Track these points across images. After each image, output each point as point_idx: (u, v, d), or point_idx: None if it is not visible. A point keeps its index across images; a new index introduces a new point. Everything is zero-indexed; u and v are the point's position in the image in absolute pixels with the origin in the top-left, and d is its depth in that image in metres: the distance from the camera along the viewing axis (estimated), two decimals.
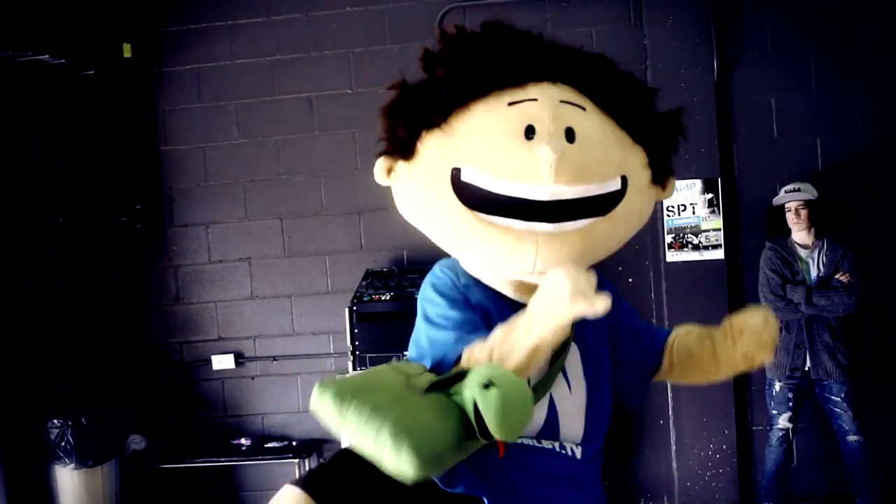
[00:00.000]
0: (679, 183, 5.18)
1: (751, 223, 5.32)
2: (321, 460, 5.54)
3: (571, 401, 2.05)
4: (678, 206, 5.27)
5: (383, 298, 4.91)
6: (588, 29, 5.33)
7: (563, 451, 2.04)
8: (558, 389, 2.03)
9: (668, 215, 5.29)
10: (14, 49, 4.62)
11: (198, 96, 5.60)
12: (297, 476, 4.67)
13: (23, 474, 4.93)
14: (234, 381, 5.64)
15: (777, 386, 4.91)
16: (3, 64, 4.84)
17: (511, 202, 1.83)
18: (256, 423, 5.65)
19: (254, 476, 5.66)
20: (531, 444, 2.04)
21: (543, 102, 1.86)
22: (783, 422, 4.90)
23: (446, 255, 2.09)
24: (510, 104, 1.87)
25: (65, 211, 5.41)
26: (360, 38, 5.44)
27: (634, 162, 1.97)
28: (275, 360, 5.56)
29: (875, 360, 5.25)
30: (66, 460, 4.94)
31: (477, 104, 1.88)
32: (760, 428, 5.34)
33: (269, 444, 5.46)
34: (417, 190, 1.95)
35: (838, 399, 4.82)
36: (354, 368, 4.91)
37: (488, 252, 1.91)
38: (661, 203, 5.26)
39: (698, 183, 5.27)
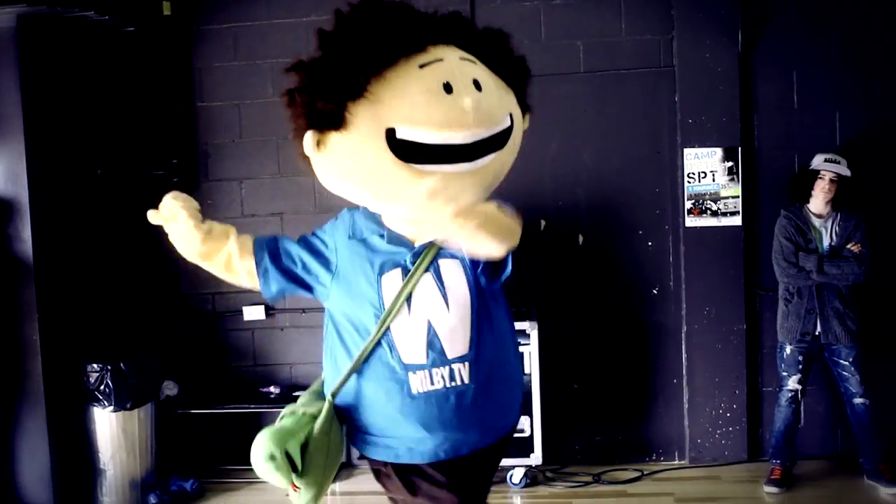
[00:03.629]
0: (700, 150, 5.35)
1: (768, 191, 5.40)
2: None
3: (451, 319, 2.32)
4: (699, 173, 5.37)
5: None
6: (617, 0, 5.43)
7: (451, 383, 2.31)
8: (433, 309, 2.31)
9: (689, 182, 5.39)
10: (63, 5, 4.71)
11: (234, 54, 5.68)
12: None
13: (64, 416, 5.07)
14: (264, 331, 5.78)
15: (788, 349, 5.02)
16: (51, 20, 4.92)
17: (440, 149, 2.12)
18: (285, 373, 5.81)
19: None
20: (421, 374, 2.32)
21: (449, 62, 2.17)
22: (792, 383, 5.02)
23: None
24: (421, 66, 2.14)
25: (103, 163, 5.52)
26: None
27: (513, 101, 2.33)
28: (304, 311, 5.70)
29: (882, 327, 5.36)
30: (105, 403, 5.08)
31: (390, 71, 2.11)
32: (770, 389, 5.46)
33: (297, 393, 5.53)
34: (353, 155, 2.16)
35: (846, 363, 4.94)
36: None
37: (420, 201, 2.05)
38: (682, 169, 5.40)
39: (719, 151, 5.35)
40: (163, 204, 2.48)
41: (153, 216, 2.51)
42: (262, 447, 2.31)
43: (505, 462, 5.07)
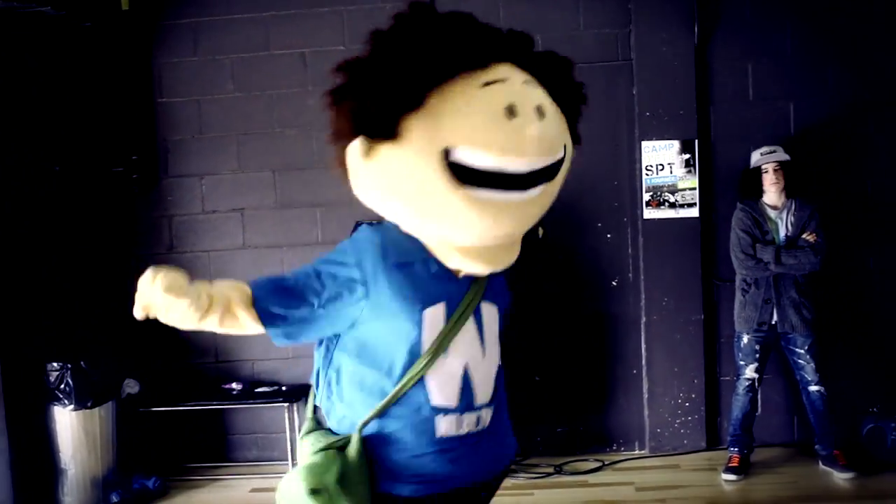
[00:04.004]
0: (658, 143, 5.40)
1: (725, 183, 5.46)
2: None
3: (485, 366, 2.24)
4: (656, 165, 5.43)
5: None
6: None
7: (476, 428, 2.24)
8: (471, 354, 2.21)
9: (647, 174, 5.44)
10: (19, 0, 4.66)
11: (194, 50, 5.63)
12: (287, 419, 4.85)
13: (24, 415, 5.02)
14: None
15: (745, 338, 5.09)
16: (7, 15, 4.86)
17: (496, 176, 1.96)
18: (247, 369, 5.79)
19: (243, 420, 5.81)
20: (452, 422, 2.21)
21: (514, 83, 2.00)
22: (750, 372, 5.09)
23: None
24: (484, 85, 1.97)
25: (62, 160, 5.45)
26: None
27: (566, 131, 2.14)
28: None
29: (837, 316, 5.47)
30: (66, 402, 5.03)
31: (450, 86, 1.96)
32: (728, 378, 5.53)
33: (260, 389, 5.59)
34: (402, 169, 1.99)
35: (802, 351, 5.02)
36: None
37: (474, 222, 2.01)
38: (640, 162, 5.45)
39: (676, 143, 5.41)
40: (144, 295, 2.04)
41: (139, 312, 2.06)
42: (302, 483, 2.12)
43: None
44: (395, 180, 2.02)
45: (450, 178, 1.96)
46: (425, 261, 2.16)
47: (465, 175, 1.95)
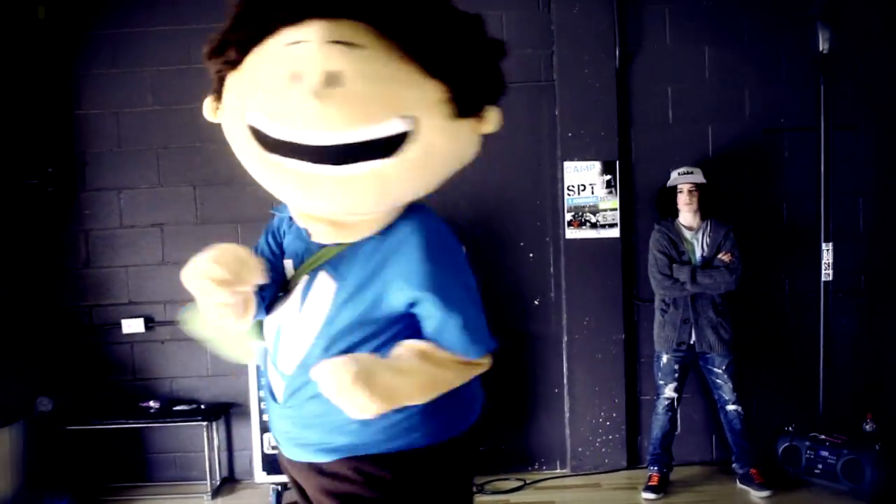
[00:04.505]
0: (579, 164, 5.41)
1: (644, 204, 5.51)
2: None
3: (296, 335, 2.14)
4: (578, 185, 5.45)
5: None
6: (497, 12, 5.42)
7: (287, 399, 2.19)
8: (286, 316, 2.17)
9: (569, 194, 5.45)
10: None
11: (113, 62, 5.54)
12: (206, 438, 4.75)
13: None
14: (144, 344, 5.63)
15: (664, 358, 5.12)
16: None
17: (288, 146, 1.84)
18: (165, 387, 5.67)
19: (162, 438, 5.69)
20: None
21: (312, 45, 1.78)
22: (669, 392, 5.13)
23: None
24: (287, 45, 1.81)
25: None
26: None
27: (424, 98, 1.86)
28: None
29: (754, 336, 5.54)
30: None
31: (266, 43, 1.85)
32: (648, 397, 5.56)
33: (178, 407, 5.49)
34: (226, 128, 2.01)
35: (720, 371, 5.06)
36: None
37: (283, 192, 2.01)
38: (562, 182, 5.47)
39: (597, 165, 5.44)
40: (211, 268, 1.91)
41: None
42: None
43: None
44: (229, 138, 2.03)
45: (254, 143, 1.90)
46: (289, 219, 2.23)
47: (270, 142, 1.86)
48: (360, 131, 1.81)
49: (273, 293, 2.19)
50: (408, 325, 2.09)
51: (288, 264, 2.19)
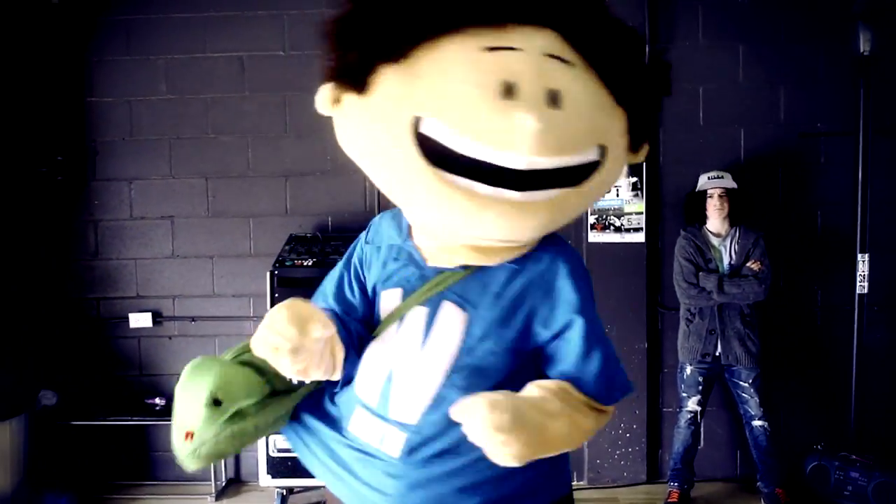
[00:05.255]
0: None
1: (672, 209, 5.37)
2: None
3: (416, 376, 1.82)
4: None
5: (305, 264, 4.89)
6: None
7: (395, 454, 1.82)
8: (401, 353, 1.85)
9: None
10: None
11: (127, 49, 5.44)
12: None
13: None
14: (151, 340, 5.54)
15: (688, 370, 4.97)
16: None
17: (478, 166, 1.59)
18: (172, 384, 5.46)
19: (167, 437, 5.51)
20: (364, 412, 1.88)
21: (527, 55, 1.60)
22: (692, 405, 4.97)
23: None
24: (488, 49, 1.60)
25: None
26: (295, 0, 5.35)
27: (615, 129, 1.76)
28: (193, 320, 5.48)
29: (783, 348, 5.37)
30: None
31: (447, 41, 1.61)
32: (671, 409, 5.41)
33: None
34: (369, 130, 1.69)
35: (746, 385, 4.90)
36: None
37: (443, 214, 1.70)
38: None
39: (623, 167, 5.28)
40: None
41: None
42: (207, 385, 1.83)
43: None
44: (361, 140, 1.72)
45: (419, 153, 1.61)
46: (396, 241, 1.92)
47: (441, 154, 1.61)
48: (565, 158, 1.65)
49: (363, 334, 1.91)
50: (535, 363, 1.89)
51: (394, 294, 1.88)
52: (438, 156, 1.60)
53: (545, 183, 1.65)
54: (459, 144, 1.58)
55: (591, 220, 5.33)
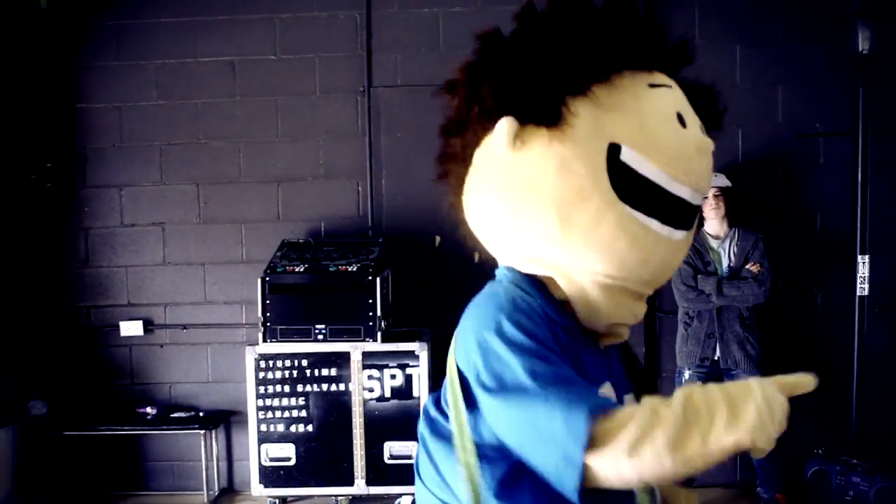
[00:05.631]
0: None
1: None
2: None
3: None
4: None
5: (297, 270, 4.83)
6: (512, 7, 5.24)
7: None
8: None
9: None
10: None
11: (117, 54, 5.40)
12: (204, 447, 4.52)
13: None
14: (143, 348, 5.48)
15: (686, 374, 4.92)
16: None
17: (660, 198, 1.57)
18: (164, 392, 5.51)
19: (159, 446, 5.52)
20: None
21: (678, 91, 1.63)
22: None
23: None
24: (651, 86, 1.60)
25: None
26: (287, 4, 5.32)
27: None
28: (185, 328, 5.43)
29: (783, 352, 5.28)
30: None
31: (618, 78, 1.59)
32: None
33: (175, 415, 5.32)
34: (561, 165, 1.56)
35: None
36: (265, 340, 4.82)
37: (624, 254, 1.58)
38: None
39: None
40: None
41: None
42: None
43: (391, 490, 4.90)
44: (545, 177, 1.57)
45: (611, 185, 1.55)
46: (566, 323, 1.63)
47: (624, 188, 1.55)
48: (706, 192, 1.67)
49: None
50: None
51: (607, 389, 1.64)
52: (628, 190, 1.55)
53: (690, 221, 1.63)
54: (652, 173, 1.55)
55: None
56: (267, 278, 4.82)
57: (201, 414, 5.36)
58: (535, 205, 1.58)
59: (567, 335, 1.58)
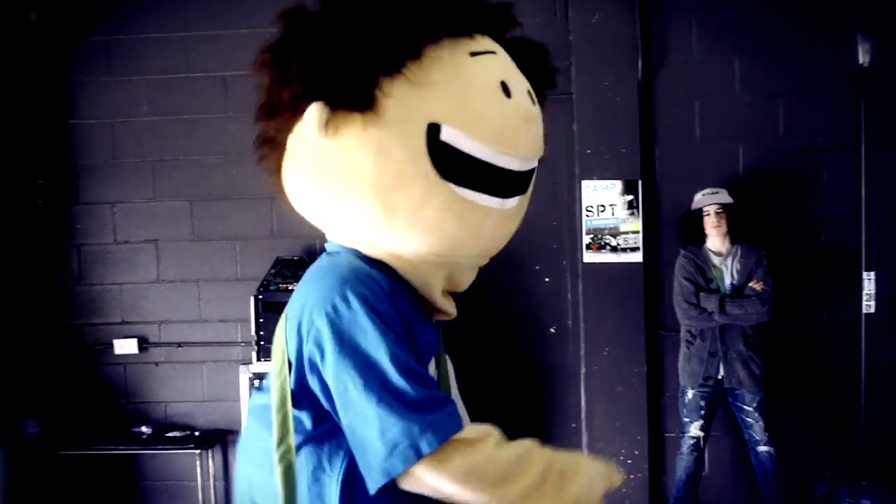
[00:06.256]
0: (599, 183, 5.15)
1: (670, 227, 5.24)
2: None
3: None
4: (597, 206, 5.17)
5: (290, 287, 4.76)
6: None
7: None
8: None
9: (588, 215, 5.19)
10: None
11: (108, 70, 5.36)
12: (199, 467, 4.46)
13: None
14: (137, 366, 5.42)
15: (690, 394, 4.84)
16: None
17: (486, 172, 1.57)
18: (159, 411, 5.44)
19: (155, 466, 5.47)
20: None
21: (503, 57, 1.60)
22: (695, 430, 4.84)
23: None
24: (472, 54, 1.57)
25: None
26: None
27: None
28: (180, 346, 5.37)
29: (787, 370, 5.23)
30: None
31: (433, 50, 1.54)
32: (673, 434, 5.27)
33: (171, 434, 5.26)
34: (379, 149, 1.53)
35: (750, 409, 4.77)
36: (259, 359, 4.76)
37: (454, 232, 1.60)
38: (581, 203, 5.21)
39: (618, 184, 5.17)
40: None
41: None
42: None
43: None
44: (362, 164, 1.54)
45: (432, 165, 1.54)
46: (402, 294, 1.63)
47: (447, 167, 1.54)
48: (537, 159, 1.70)
49: None
50: None
51: (431, 367, 1.71)
52: (451, 167, 1.55)
53: (517, 189, 1.65)
54: (475, 149, 1.55)
55: (587, 239, 5.20)
56: (260, 296, 4.76)
57: (197, 433, 5.29)
58: (355, 192, 1.57)
59: (408, 307, 1.58)
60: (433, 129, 1.53)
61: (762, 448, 4.78)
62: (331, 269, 1.59)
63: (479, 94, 1.55)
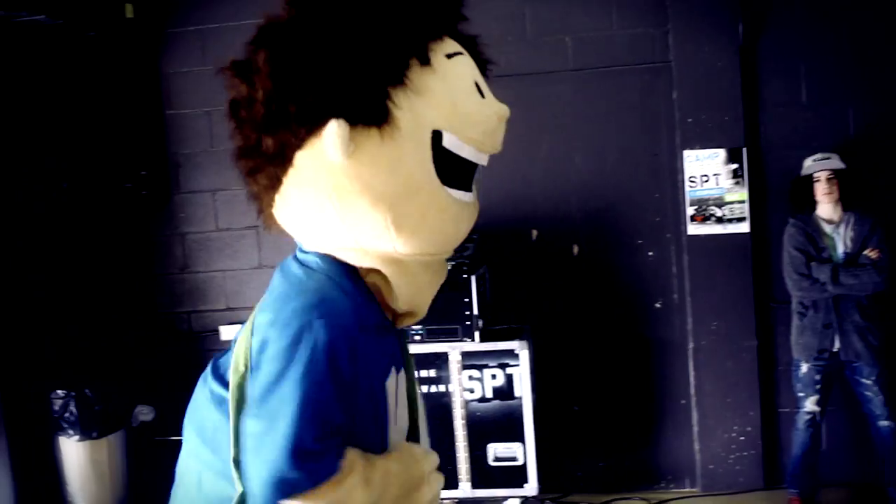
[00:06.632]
0: (701, 152, 5.06)
1: (778, 195, 5.05)
2: None
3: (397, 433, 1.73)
4: (700, 176, 5.02)
5: None
6: None
7: None
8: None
9: (691, 186, 5.04)
10: (7, 9, 4.44)
11: (203, 58, 5.40)
12: None
13: (28, 446, 4.87)
14: None
15: (804, 368, 4.69)
16: (2, 25, 4.69)
17: (468, 170, 1.63)
18: None
19: None
20: None
21: (469, 58, 1.63)
22: (810, 405, 4.69)
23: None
24: (448, 56, 1.57)
25: (69, 176, 5.31)
26: None
27: None
28: None
29: None
30: (71, 432, 4.90)
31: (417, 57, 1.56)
32: (787, 410, 5.12)
33: None
34: (397, 162, 1.52)
35: (869, 382, 4.60)
36: None
37: (449, 232, 1.64)
38: (683, 173, 5.10)
39: (722, 153, 5.02)
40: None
41: None
42: None
43: (496, 493, 4.83)
44: (378, 177, 1.52)
45: (433, 174, 1.56)
46: (373, 320, 1.64)
47: (445, 171, 1.57)
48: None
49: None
50: None
51: (392, 381, 1.69)
52: (445, 171, 1.58)
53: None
54: (464, 150, 1.60)
55: (691, 211, 5.06)
56: None
57: None
58: (368, 205, 1.54)
59: (369, 335, 1.58)
60: (436, 136, 1.55)
61: (883, 423, 4.61)
62: (302, 293, 1.59)
63: (464, 96, 1.59)
